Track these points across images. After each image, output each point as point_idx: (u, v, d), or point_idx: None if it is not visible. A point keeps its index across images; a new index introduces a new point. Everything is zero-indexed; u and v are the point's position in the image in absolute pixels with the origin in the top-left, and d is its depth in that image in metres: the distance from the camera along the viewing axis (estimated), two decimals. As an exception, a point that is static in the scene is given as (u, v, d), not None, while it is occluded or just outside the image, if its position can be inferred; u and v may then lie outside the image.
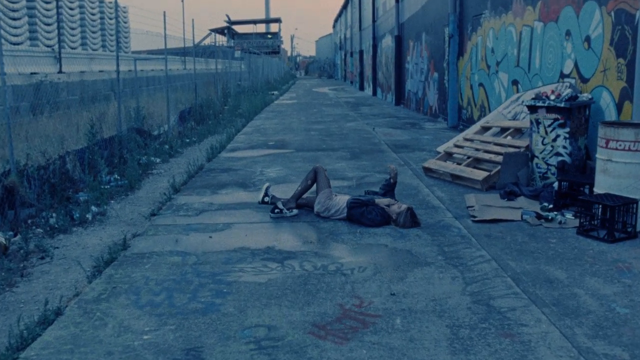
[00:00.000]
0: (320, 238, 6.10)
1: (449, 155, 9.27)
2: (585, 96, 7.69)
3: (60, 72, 17.63)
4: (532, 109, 7.83)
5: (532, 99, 7.90)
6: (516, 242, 5.87)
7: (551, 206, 6.84)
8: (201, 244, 5.97)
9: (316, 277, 5.02)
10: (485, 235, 6.06)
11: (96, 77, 19.28)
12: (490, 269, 5.15)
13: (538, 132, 7.78)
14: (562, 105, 7.45)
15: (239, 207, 7.41)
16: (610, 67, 7.56)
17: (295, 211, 6.97)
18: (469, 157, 8.87)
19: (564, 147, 7.58)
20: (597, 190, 6.34)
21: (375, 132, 14.68)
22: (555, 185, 7.14)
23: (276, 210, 6.93)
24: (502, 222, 6.53)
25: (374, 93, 31.73)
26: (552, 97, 7.62)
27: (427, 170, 9.09)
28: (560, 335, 3.95)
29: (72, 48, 24.27)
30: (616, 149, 6.04)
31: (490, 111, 12.44)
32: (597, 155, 6.35)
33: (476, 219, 6.57)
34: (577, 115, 7.55)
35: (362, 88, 38.09)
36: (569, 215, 6.56)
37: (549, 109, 7.63)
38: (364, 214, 6.48)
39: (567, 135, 7.54)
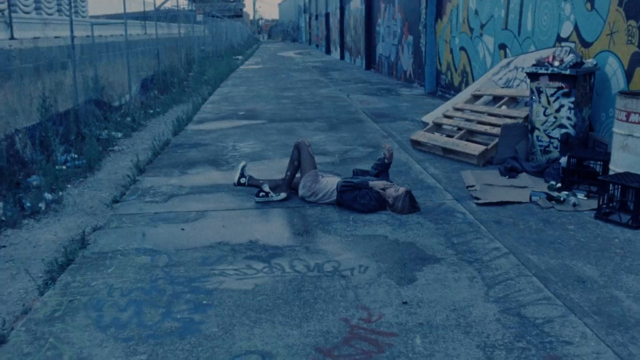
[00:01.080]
0: (310, 228, 5.30)
1: (437, 127, 8.51)
2: (590, 62, 6.97)
3: (11, 38, 16.24)
4: (533, 76, 7.09)
5: (533, 65, 7.15)
6: (530, 229, 5.17)
7: (559, 185, 6.15)
8: (172, 238, 5.13)
9: (311, 280, 4.24)
10: (494, 222, 5.35)
11: (51, 43, 17.90)
12: (510, 265, 4.44)
13: (539, 101, 7.05)
14: (568, 72, 6.71)
15: (213, 191, 6.56)
16: (618, 30, 6.83)
17: (282, 194, 6.15)
18: (460, 129, 8.12)
19: (569, 119, 6.87)
20: (615, 168, 5.66)
21: (350, 99, 13.83)
22: (563, 161, 6.44)
23: (261, 194, 6.10)
24: (509, 204, 5.82)
25: (342, 57, 30.75)
26: (556, 63, 6.87)
27: (415, 143, 8.32)
28: (615, 357, 3.25)
29: (25, 12, 22.68)
30: (639, 122, 5.34)
31: (473, 77, 11.70)
32: (615, 130, 5.66)
33: (480, 201, 5.85)
34: (582, 84, 6.83)
35: (328, 52, 37.03)
36: (581, 196, 5.88)
37: (552, 77, 6.89)
38: (356, 198, 5.70)
39: (571, 106, 6.83)
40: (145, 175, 7.24)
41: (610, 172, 5.72)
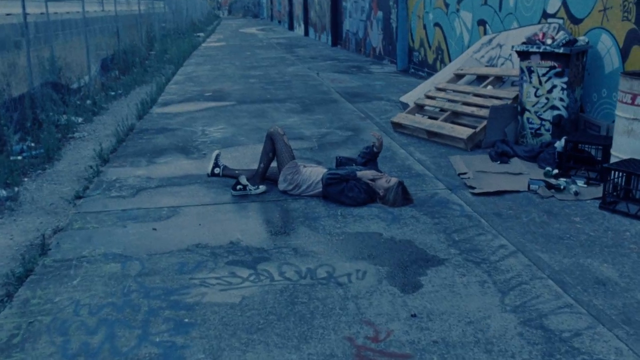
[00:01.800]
0: (295, 226, 4.81)
1: (419, 108, 8.06)
2: (583, 40, 6.57)
3: (-42, 14, 15.18)
4: (523, 55, 6.66)
5: (523, 43, 6.72)
6: (535, 222, 4.77)
7: (556, 171, 5.77)
8: (144, 240, 4.58)
9: (305, 290, 3.76)
10: (495, 214, 4.93)
11: (2, 21, 16.87)
12: (521, 266, 4.03)
13: (530, 82, 6.64)
14: (561, 51, 6.30)
15: (185, 182, 6.00)
16: (612, 6, 6.43)
17: (262, 187, 5.63)
18: (443, 110, 7.68)
19: (561, 100, 6.49)
20: (617, 154, 5.29)
21: (320, 78, 13.28)
22: (558, 145, 6.06)
23: (239, 187, 5.57)
24: (506, 194, 5.41)
25: (306, 33, 30.01)
26: (548, 41, 6.46)
27: (397, 126, 7.86)
28: (661, 378, 2.87)
29: (-28, -13, 21.37)
30: (647, 105, 4.97)
31: (449, 54, 11.27)
32: (619, 113, 5.28)
33: (476, 191, 5.43)
34: (575, 63, 6.44)
35: (291, 28, 36.21)
36: (580, 183, 5.51)
37: (544, 56, 6.48)
38: (343, 191, 5.21)
39: (564, 86, 6.44)
40: (110, 166, 6.63)
41: (613, 159, 5.36)
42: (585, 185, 5.47)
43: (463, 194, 5.43)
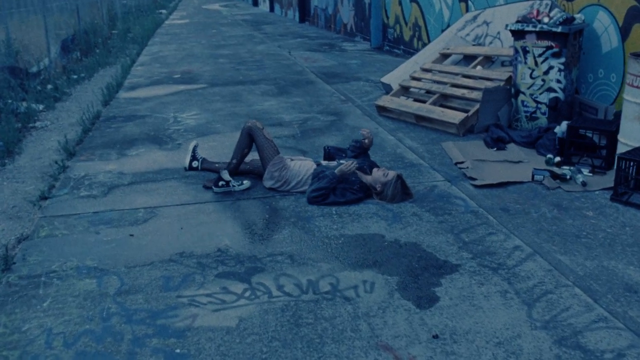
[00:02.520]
0: (288, 228, 4.36)
1: (404, 90, 7.63)
2: (579, 18, 6.20)
3: None
4: (518, 34, 6.27)
5: (518, 21, 6.32)
6: (546, 219, 4.41)
7: (558, 159, 5.42)
8: (121, 249, 4.09)
9: (309, 308, 3.33)
10: (502, 210, 4.56)
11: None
12: (541, 271, 3.66)
13: (525, 62, 6.26)
14: (559, 30, 5.92)
15: (160, 178, 5.49)
16: (611, -19, 6.06)
17: (246, 182, 5.16)
18: (429, 92, 7.27)
19: (558, 82, 6.13)
20: (626, 141, 4.96)
21: (293, 57, 12.73)
22: (558, 130, 5.71)
23: (221, 183, 5.09)
24: (509, 185, 5.04)
25: (272, 9, 29.21)
26: (545, 19, 6.06)
27: (382, 109, 7.43)
28: None
29: None
30: (661, 90, 4.62)
31: (428, 31, 10.84)
32: (627, 98, 4.93)
33: (477, 182, 5.05)
34: (572, 42, 6.07)
35: (256, 4, 35.28)
36: (585, 172, 5.17)
37: (541, 35, 6.09)
38: (334, 199, 4.77)
39: (562, 67, 6.08)
40: (77, 160, 6.07)
41: (621, 146, 5.02)
42: (591, 174, 5.13)
43: (464, 187, 5.04)
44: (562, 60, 6.03)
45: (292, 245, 4.07)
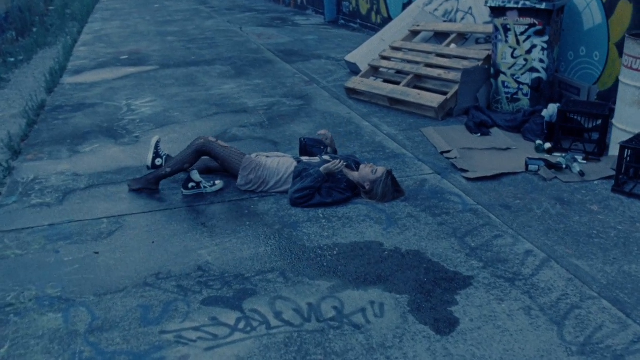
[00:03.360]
0: (274, 239, 3.90)
1: (374, 70, 7.19)
2: (560, -8, 5.86)
3: None
4: (498, 10, 5.89)
5: (498, -3, 5.93)
6: (551, 215, 4.09)
7: (549, 145, 5.11)
8: (86, 272, 3.56)
9: (315, 340, 2.90)
10: (502, 207, 4.21)
11: None
12: (562, 281, 3.33)
13: (506, 41, 5.89)
14: (543, 6, 5.57)
15: (121, 180, 4.92)
16: (593, -46, 5.73)
17: (219, 183, 4.66)
18: (401, 73, 6.86)
19: (541, 61, 5.80)
20: (622, 126, 4.67)
21: (245, 33, 12.08)
22: (545, 114, 5.39)
23: (191, 185, 4.57)
24: (503, 176, 4.70)
25: (214, -20, 28.08)
26: (527, -5, 5.70)
27: (351, 92, 6.97)
28: None
29: None
30: (664, 72, 4.33)
31: (387, 5, 10.37)
32: (625, 81, 4.63)
33: (469, 175, 4.69)
34: (555, 20, 5.74)
35: (196, -26, 33.93)
36: (579, 158, 4.87)
37: (523, 12, 5.73)
38: (320, 200, 4.32)
39: (545, 46, 5.74)
40: (24, 159, 5.42)
41: (617, 131, 4.74)
42: (585, 162, 4.83)
43: (456, 180, 4.67)
44: (546, 38, 5.69)
45: (282, 260, 3.61)
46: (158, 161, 5.06)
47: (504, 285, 3.31)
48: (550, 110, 5.36)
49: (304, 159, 4.62)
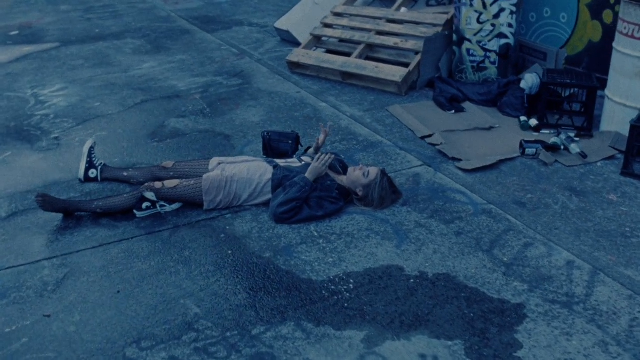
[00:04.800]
0: (271, 272, 3.17)
1: (317, 40, 6.42)
2: (524, -51, 5.31)
3: None
4: (461, -28, 5.27)
5: (460, -43, 5.30)
6: (572, 212, 3.62)
7: (535, 121, 4.64)
8: (39, 347, 2.70)
9: None
10: (516, 204, 3.70)
11: None
12: (622, 300, 2.87)
13: (471, 5, 5.30)
14: (513, -34, 5.01)
15: (53, 200, 3.94)
16: None
17: (175, 204, 3.80)
18: (345, 41, 6.14)
19: (510, 26, 5.27)
20: (621, 100, 4.24)
21: (147, -3, 10.79)
22: (524, 86, 4.90)
23: (145, 205, 3.70)
24: (500, 164, 4.17)
25: None
26: (494, -47, 5.11)
27: (295, 66, 6.19)
28: None
29: None
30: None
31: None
32: (622, 50, 4.20)
33: (464, 166, 4.13)
34: (522, -21, 5.20)
35: None
36: (572, 135, 4.43)
37: (489, -28, 5.14)
38: (310, 213, 3.60)
39: (513, 9, 5.22)
40: None
41: (611, 104, 4.31)
42: (578, 139, 4.39)
43: (451, 172, 4.10)
44: (515, 1, 5.15)
45: (292, 304, 2.91)
46: (92, 173, 4.16)
47: (562, 312, 2.78)
48: (529, 81, 4.87)
49: (280, 162, 3.86)
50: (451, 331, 2.69)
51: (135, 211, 3.72)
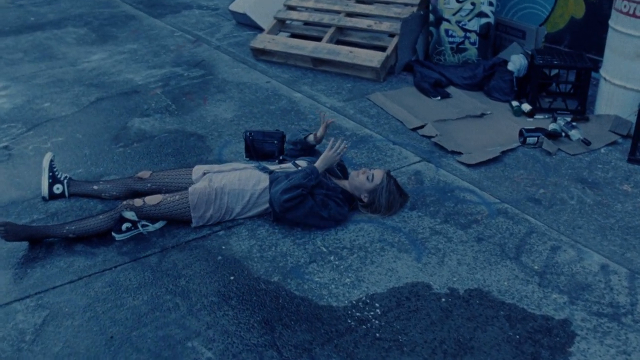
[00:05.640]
0: (284, 300, 2.81)
1: (281, 24, 5.97)
2: None
3: None
4: (438, -52, 4.92)
5: None
6: (591, 207, 3.40)
7: (528, 106, 4.39)
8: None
9: None
10: (531, 201, 3.44)
11: None
12: (672, 307, 2.64)
13: (449, -17, 4.98)
14: (495, -60, 4.70)
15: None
16: None
17: (159, 223, 3.36)
18: (311, 24, 5.73)
19: (490, 4, 5.00)
20: (621, 82, 4.02)
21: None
22: (512, 67, 4.64)
23: (125, 226, 3.25)
24: (503, 155, 3.91)
25: None
26: None
27: (260, 53, 5.74)
28: None
29: None
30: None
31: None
32: (620, 29, 3.97)
33: (466, 160, 3.85)
34: (501, -46, 4.90)
35: None
36: (568, 120, 4.21)
37: (468, -52, 4.82)
38: (313, 210, 3.21)
39: (494, -14, 4.92)
40: None
41: (609, 87, 4.09)
42: (576, 125, 4.17)
43: (453, 167, 3.80)
44: (495, -23, 4.86)
45: (316, 339, 2.56)
46: (57, 188, 3.66)
47: (612, 327, 2.54)
48: (517, 62, 4.61)
49: (275, 168, 3.46)
50: (500, 358, 2.41)
51: (114, 234, 3.26)
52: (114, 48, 6.39)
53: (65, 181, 3.67)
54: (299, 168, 3.36)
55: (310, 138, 3.62)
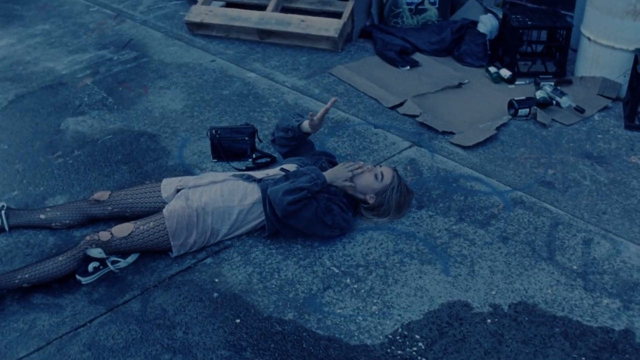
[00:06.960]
0: (309, 345, 2.36)
1: (214, -7, 5.28)
2: None
3: None
4: None
5: None
6: (605, 186, 3.13)
7: (507, 72, 4.04)
8: None
9: None
10: (543, 186, 3.13)
11: None
12: None
13: (405, -61, 4.47)
14: None
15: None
16: None
17: (131, 256, 2.77)
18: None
19: (450, -40, 4.54)
20: (609, 42, 3.72)
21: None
22: (484, 29, 4.26)
23: (92, 266, 2.66)
24: (499, 132, 3.55)
25: None
26: None
27: (197, 27, 5.07)
28: None
29: None
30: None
31: None
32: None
33: (462, 142, 3.47)
34: None
35: None
36: (552, 84, 3.90)
37: None
38: (317, 215, 2.73)
39: (454, -60, 4.46)
40: None
41: (595, 47, 3.79)
42: (561, 89, 3.86)
43: (448, 150, 3.41)
44: None
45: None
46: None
47: (681, 336, 2.27)
48: (488, 24, 4.24)
49: (261, 176, 2.92)
50: (575, 393, 2.08)
51: (79, 277, 2.66)
52: (23, 30, 5.49)
53: (3, 212, 3.00)
54: (290, 172, 2.85)
55: (305, 125, 3.04)
